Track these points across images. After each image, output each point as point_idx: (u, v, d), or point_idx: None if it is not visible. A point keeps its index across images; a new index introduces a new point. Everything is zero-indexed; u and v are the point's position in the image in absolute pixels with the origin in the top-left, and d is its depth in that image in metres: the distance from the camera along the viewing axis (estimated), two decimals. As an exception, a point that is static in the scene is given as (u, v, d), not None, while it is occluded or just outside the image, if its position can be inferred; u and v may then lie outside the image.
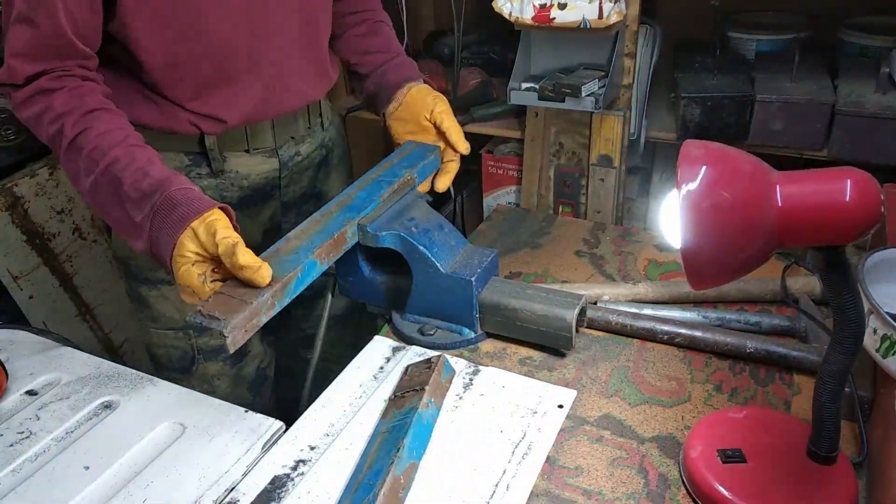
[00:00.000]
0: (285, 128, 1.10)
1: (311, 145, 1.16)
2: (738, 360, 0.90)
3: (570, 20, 1.25)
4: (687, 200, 0.57)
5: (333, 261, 0.87)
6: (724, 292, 1.01)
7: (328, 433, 0.82)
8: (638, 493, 0.74)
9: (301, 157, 1.15)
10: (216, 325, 0.72)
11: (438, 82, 1.68)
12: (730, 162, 0.59)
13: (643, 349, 0.94)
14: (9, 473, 0.79)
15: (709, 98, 1.32)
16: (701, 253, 0.58)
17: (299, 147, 1.14)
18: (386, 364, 0.93)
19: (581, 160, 1.49)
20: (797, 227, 0.57)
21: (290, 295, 0.79)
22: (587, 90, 1.30)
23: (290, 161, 1.13)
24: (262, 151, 1.08)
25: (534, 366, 0.92)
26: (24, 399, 0.90)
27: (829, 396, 0.65)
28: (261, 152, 1.08)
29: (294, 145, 1.13)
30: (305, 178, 1.18)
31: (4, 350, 0.98)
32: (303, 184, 1.18)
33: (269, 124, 1.07)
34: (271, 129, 1.08)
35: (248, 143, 1.06)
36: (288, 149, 1.12)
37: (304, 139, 1.14)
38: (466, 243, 0.97)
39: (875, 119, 1.24)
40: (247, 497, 0.74)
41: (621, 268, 1.12)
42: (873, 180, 0.56)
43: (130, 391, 0.90)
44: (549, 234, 1.24)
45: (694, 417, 0.82)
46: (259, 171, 1.09)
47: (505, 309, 0.92)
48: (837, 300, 0.60)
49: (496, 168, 1.67)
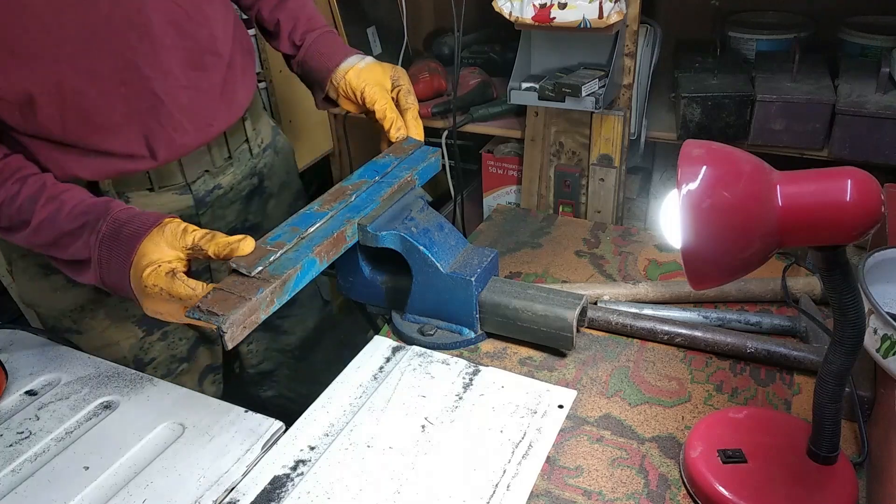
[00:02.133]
0: (195, 162, 0.98)
1: (235, 176, 1.04)
2: (738, 361, 0.90)
3: (570, 20, 1.24)
4: (687, 200, 0.57)
5: (333, 260, 0.87)
6: (725, 292, 1.01)
7: (328, 433, 0.82)
8: (638, 494, 0.74)
9: (223, 190, 1.03)
10: (214, 320, 0.71)
11: (438, 82, 1.68)
12: (730, 162, 0.59)
13: (643, 349, 0.94)
14: (9, 473, 0.79)
15: (709, 98, 1.32)
16: (701, 253, 0.58)
17: (219, 179, 1.02)
18: (386, 364, 0.93)
19: (581, 160, 1.49)
20: (797, 227, 0.57)
21: (290, 292, 0.79)
22: (587, 90, 1.30)
23: (207, 196, 1.01)
24: (171, 188, 0.96)
25: (534, 366, 0.92)
26: (24, 399, 0.90)
27: (830, 396, 0.65)
28: (169, 189, 0.96)
29: (211, 178, 1.01)
30: (232, 211, 1.06)
31: (4, 350, 0.98)
32: (229, 219, 1.06)
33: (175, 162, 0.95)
34: (178, 166, 0.96)
35: (151, 182, 0.94)
36: (204, 183, 1.00)
37: (224, 170, 1.02)
38: (466, 243, 0.97)
39: (875, 119, 1.24)
40: (247, 497, 0.74)
41: (621, 268, 1.12)
42: (874, 180, 0.56)
43: (130, 391, 0.90)
44: (549, 234, 1.24)
45: (694, 417, 0.82)
46: (170, 209, 0.97)
47: (505, 309, 0.92)
48: (838, 300, 0.60)
49: (496, 168, 1.67)
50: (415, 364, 0.92)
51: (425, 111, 1.59)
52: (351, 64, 1.06)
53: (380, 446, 0.80)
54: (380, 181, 0.98)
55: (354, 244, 0.91)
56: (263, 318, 0.76)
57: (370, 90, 1.03)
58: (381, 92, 1.04)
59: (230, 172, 1.04)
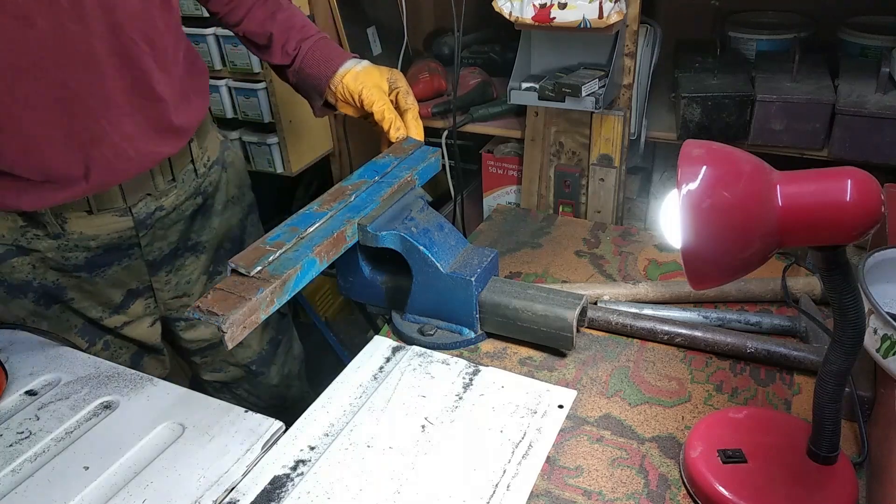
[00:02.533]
0: (137, 187, 0.96)
1: (178, 197, 1.03)
2: (738, 360, 0.90)
3: (570, 20, 1.24)
4: (687, 200, 0.57)
5: (333, 260, 0.87)
6: (725, 292, 1.01)
7: (328, 433, 0.82)
8: (638, 494, 0.74)
9: (165, 212, 1.01)
10: (214, 320, 0.71)
11: (438, 82, 1.68)
12: (730, 162, 0.59)
13: (643, 349, 0.94)
14: (8, 473, 0.79)
15: (709, 98, 1.32)
16: (701, 253, 0.58)
17: (161, 201, 1.00)
18: (386, 364, 0.93)
19: (581, 160, 1.49)
20: (797, 227, 0.57)
21: (290, 292, 0.79)
22: (587, 90, 1.30)
23: (148, 218, 0.99)
24: (111, 211, 0.95)
25: (534, 366, 0.92)
26: (24, 399, 0.90)
27: (830, 396, 0.65)
28: (109, 212, 0.95)
29: (153, 201, 0.99)
30: (174, 232, 1.05)
31: (4, 350, 0.98)
32: (170, 239, 1.05)
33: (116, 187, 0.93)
34: (119, 190, 0.94)
35: (90, 204, 0.93)
36: (145, 205, 0.98)
37: (167, 192, 1.01)
38: (466, 243, 0.97)
39: (875, 119, 1.23)
40: (247, 497, 0.74)
41: (621, 268, 1.12)
42: (874, 180, 0.56)
43: (130, 391, 0.90)
44: (549, 234, 1.24)
45: (694, 417, 0.82)
46: (109, 230, 0.96)
47: (505, 309, 0.92)
48: (838, 300, 0.60)
49: (496, 168, 1.67)
50: (415, 364, 0.92)
51: (425, 111, 1.59)
52: (348, 68, 1.06)
53: (380, 446, 0.80)
54: (380, 181, 0.98)
55: (354, 244, 0.91)
56: (263, 318, 0.76)
57: (367, 92, 1.03)
58: (379, 93, 1.04)
59: (173, 194, 1.02)
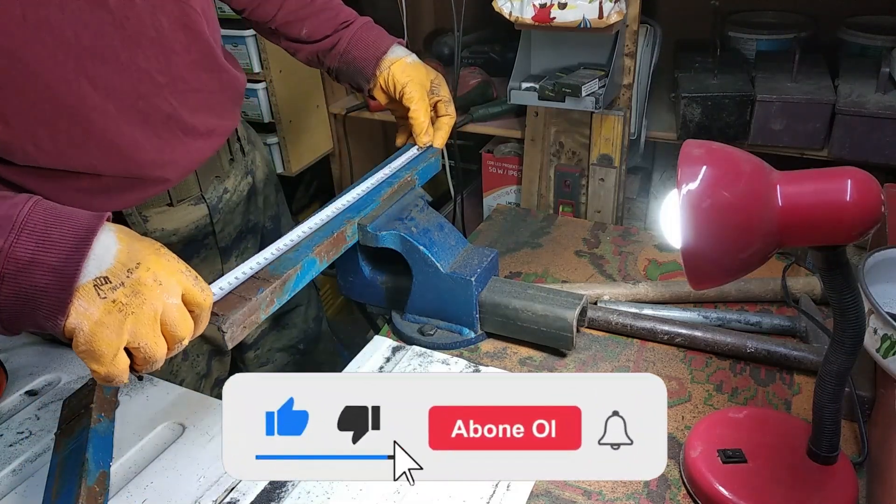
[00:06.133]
0: (208, 170, 0.96)
1: (236, 178, 1.03)
2: (738, 360, 0.90)
3: (570, 20, 1.24)
4: (687, 200, 0.57)
5: (333, 259, 0.87)
6: (725, 292, 1.01)
7: (328, 433, 0.82)
8: (638, 493, 0.74)
9: (230, 194, 1.02)
10: (214, 320, 0.72)
11: (438, 82, 1.68)
12: (730, 162, 0.59)
13: (643, 349, 0.94)
14: (9, 473, 0.79)
15: (709, 98, 1.32)
16: (701, 253, 0.58)
17: (225, 184, 1.01)
18: (386, 364, 0.93)
19: (581, 160, 1.49)
20: (797, 227, 0.57)
21: (290, 292, 0.79)
22: (587, 90, 1.30)
23: (219, 203, 1.00)
24: (188, 200, 0.95)
25: (534, 366, 0.92)
26: (24, 399, 0.90)
27: (830, 396, 0.65)
28: (186, 201, 0.95)
29: (219, 184, 1.00)
30: (238, 214, 1.05)
31: (4, 350, 0.98)
32: (237, 222, 1.05)
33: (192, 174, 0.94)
34: (195, 176, 0.95)
35: (170, 196, 0.93)
36: (214, 190, 0.99)
37: (228, 174, 1.01)
38: (466, 243, 0.97)
39: (875, 119, 1.23)
40: (247, 497, 0.74)
41: (621, 268, 1.12)
42: (874, 180, 0.56)
43: (130, 391, 0.90)
44: (549, 234, 1.24)
45: (694, 417, 0.82)
46: (187, 220, 0.96)
47: (505, 309, 0.92)
48: (838, 300, 0.60)
49: (496, 168, 1.67)
50: (415, 364, 0.92)
51: (425, 111, 1.59)
52: (398, 56, 1.03)
53: (380, 446, 0.79)
54: (380, 181, 0.98)
55: (354, 244, 0.91)
56: (263, 318, 0.76)
57: (411, 89, 1.01)
58: (422, 93, 1.03)
59: (233, 174, 1.03)
